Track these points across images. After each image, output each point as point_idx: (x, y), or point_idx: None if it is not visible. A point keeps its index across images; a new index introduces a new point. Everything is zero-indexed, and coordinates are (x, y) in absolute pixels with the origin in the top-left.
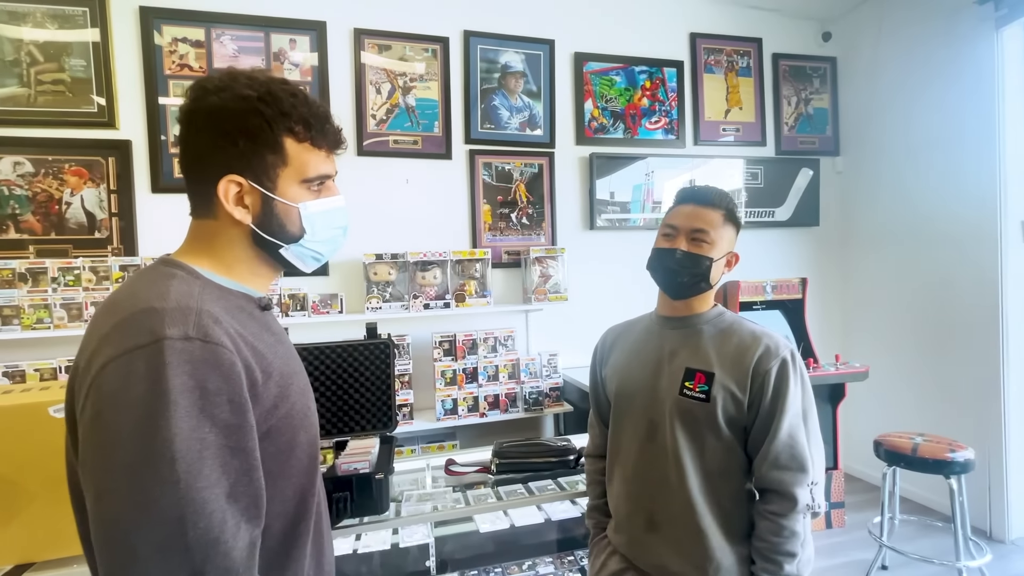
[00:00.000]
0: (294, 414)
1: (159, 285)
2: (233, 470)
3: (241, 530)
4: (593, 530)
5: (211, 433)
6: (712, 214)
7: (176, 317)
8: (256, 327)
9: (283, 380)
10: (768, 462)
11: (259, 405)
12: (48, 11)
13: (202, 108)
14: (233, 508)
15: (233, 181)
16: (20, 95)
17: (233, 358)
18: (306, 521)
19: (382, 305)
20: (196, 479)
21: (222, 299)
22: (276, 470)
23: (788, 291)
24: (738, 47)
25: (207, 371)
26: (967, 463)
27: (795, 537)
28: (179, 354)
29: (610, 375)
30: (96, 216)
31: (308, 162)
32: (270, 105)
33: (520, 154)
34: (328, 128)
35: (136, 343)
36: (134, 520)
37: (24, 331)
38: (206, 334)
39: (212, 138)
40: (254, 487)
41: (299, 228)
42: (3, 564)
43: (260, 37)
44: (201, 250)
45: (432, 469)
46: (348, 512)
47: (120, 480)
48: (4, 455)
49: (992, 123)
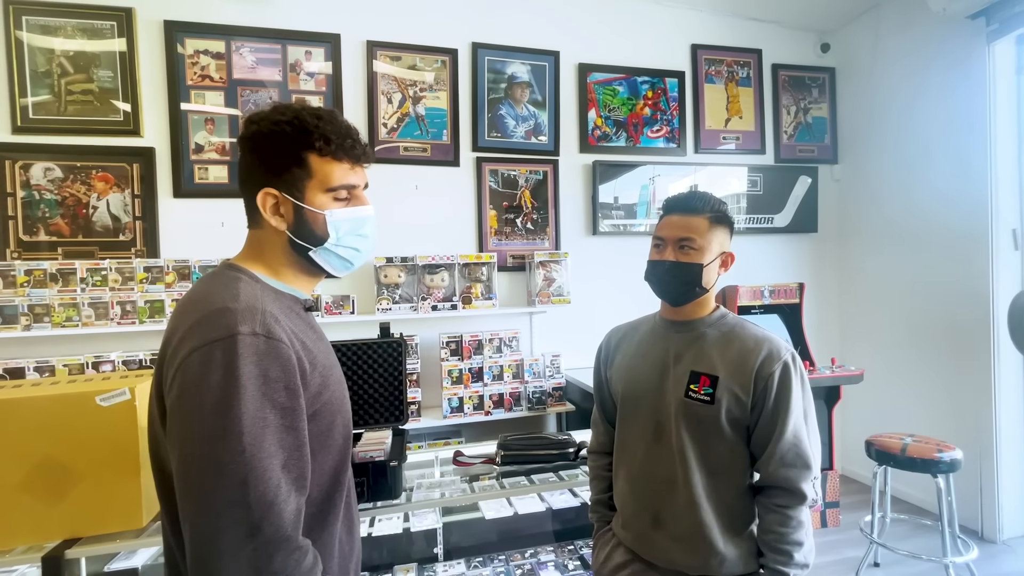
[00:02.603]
0: (333, 400)
1: (231, 287)
2: (288, 445)
3: (292, 496)
4: (597, 524)
5: (271, 413)
6: (697, 221)
7: (246, 316)
8: (303, 325)
9: (325, 371)
10: (775, 461)
11: (307, 391)
12: (78, 24)
13: (246, 135)
14: (287, 477)
15: (269, 194)
16: (51, 104)
17: (289, 352)
18: (340, 492)
19: (392, 306)
20: (259, 450)
21: (277, 300)
22: (317, 447)
23: (786, 296)
24: (738, 58)
25: (269, 362)
26: (954, 462)
27: (802, 527)
28: (248, 347)
29: (616, 376)
30: (121, 219)
31: (330, 173)
32: (295, 127)
33: (525, 161)
34: (348, 142)
35: (215, 336)
36: (209, 479)
37: (54, 328)
38: (269, 331)
39: (252, 159)
40: (303, 461)
41: (324, 232)
42: (54, 538)
43: (277, 49)
44: (255, 256)
45: (441, 462)
46: (365, 496)
47: (200, 447)
48: (55, 439)
49: (984, 134)
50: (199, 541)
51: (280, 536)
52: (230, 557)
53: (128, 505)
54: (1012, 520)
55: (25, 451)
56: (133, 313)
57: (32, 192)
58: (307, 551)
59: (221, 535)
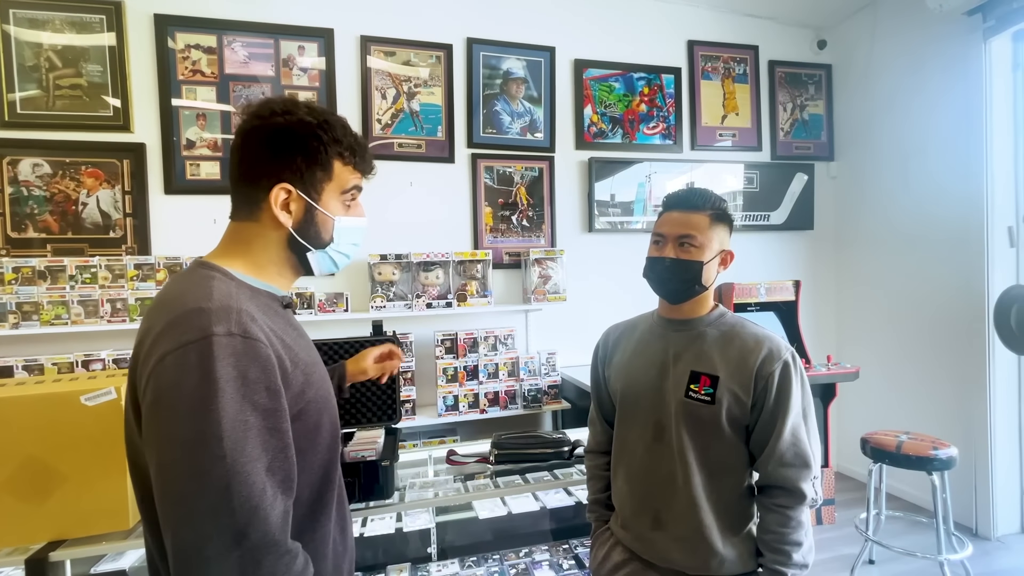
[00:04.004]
0: (318, 398)
1: (203, 286)
2: (271, 448)
3: (278, 500)
4: (595, 523)
5: (252, 416)
6: (698, 217)
7: (221, 316)
8: (282, 322)
9: (307, 369)
10: (774, 460)
11: (289, 391)
12: (67, 18)
13: (268, 125)
14: (272, 480)
15: (284, 188)
16: (39, 99)
17: (268, 351)
18: (331, 491)
19: (386, 304)
20: (240, 455)
21: (254, 298)
22: (306, 446)
23: (782, 293)
24: (735, 54)
25: (248, 363)
26: (949, 460)
27: (801, 527)
28: (224, 348)
29: (614, 375)
30: (111, 216)
31: (347, 180)
32: (327, 132)
33: (521, 158)
34: (368, 156)
35: (189, 338)
36: (190, 487)
37: (43, 326)
38: (245, 330)
39: (273, 151)
40: (288, 463)
41: (330, 236)
42: (39, 540)
43: (270, 44)
44: (236, 251)
45: (434, 461)
46: (356, 496)
47: (178, 453)
48: (39, 439)
49: (980, 131)
50: (183, 550)
51: (267, 541)
52: (216, 565)
53: (114, 506)
54: (1006, 516)
55: (9, 451)
56: (124, 311)
57: (20, 188)
58: (297, 554)
59: (206, 543)
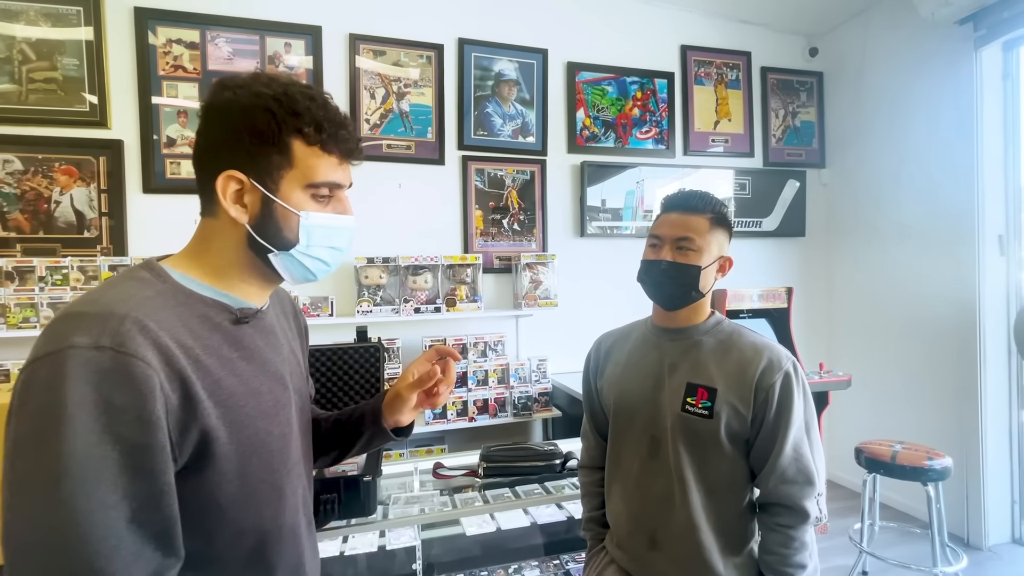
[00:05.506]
0: (243, 439)
1: (117, 287)
2: (138, 494)
3: (142, 560)
4: (590, 542)
5: (114, 451)
6: (698, 220)
7: (94, 323)
8: (217, 340)
9: (232, 400)
10: (775, 477)
11: (194, 425)
12: (42, 9)
13: (217, 103)
14: (135, 535)
15: (233, 177)
16: (11, 92)
17: (148, 371)
18: (265, 563)
19: (373, 309)
20: (87, 501)
21: (181, 306)
22: (223, 501)
23: (774, 300)
24: (728, 60)
25: (114, 384)
26: (944, 470)
27: (805, 548)
28: (83, 365)
29: (607, 387)
30: (86, 215)
31: (315, 167)
32: (283, 104)
33: (512, 161)
34: (342, 134)
35: (46, 350)
36: (17, 536)
37: (9, 329)
38: (121, 344)
39: (220, 132)
40: (162, 515)
41: (295, 236)
42: None
43: (255, 40)
44: (196, 252)
45: (420, 473)
46: (336, 514)
47: (9, 492)
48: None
49: (971, 139)
50: None
51: None
52: None
53: None
54: (998, 526)
55: None
56: None
57: None
58: None
59: None
